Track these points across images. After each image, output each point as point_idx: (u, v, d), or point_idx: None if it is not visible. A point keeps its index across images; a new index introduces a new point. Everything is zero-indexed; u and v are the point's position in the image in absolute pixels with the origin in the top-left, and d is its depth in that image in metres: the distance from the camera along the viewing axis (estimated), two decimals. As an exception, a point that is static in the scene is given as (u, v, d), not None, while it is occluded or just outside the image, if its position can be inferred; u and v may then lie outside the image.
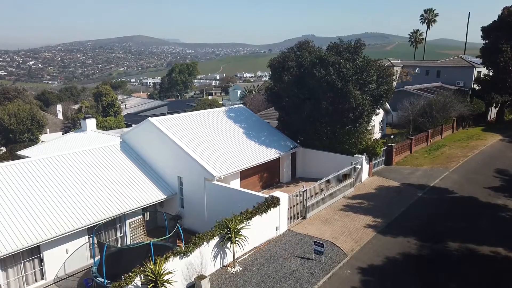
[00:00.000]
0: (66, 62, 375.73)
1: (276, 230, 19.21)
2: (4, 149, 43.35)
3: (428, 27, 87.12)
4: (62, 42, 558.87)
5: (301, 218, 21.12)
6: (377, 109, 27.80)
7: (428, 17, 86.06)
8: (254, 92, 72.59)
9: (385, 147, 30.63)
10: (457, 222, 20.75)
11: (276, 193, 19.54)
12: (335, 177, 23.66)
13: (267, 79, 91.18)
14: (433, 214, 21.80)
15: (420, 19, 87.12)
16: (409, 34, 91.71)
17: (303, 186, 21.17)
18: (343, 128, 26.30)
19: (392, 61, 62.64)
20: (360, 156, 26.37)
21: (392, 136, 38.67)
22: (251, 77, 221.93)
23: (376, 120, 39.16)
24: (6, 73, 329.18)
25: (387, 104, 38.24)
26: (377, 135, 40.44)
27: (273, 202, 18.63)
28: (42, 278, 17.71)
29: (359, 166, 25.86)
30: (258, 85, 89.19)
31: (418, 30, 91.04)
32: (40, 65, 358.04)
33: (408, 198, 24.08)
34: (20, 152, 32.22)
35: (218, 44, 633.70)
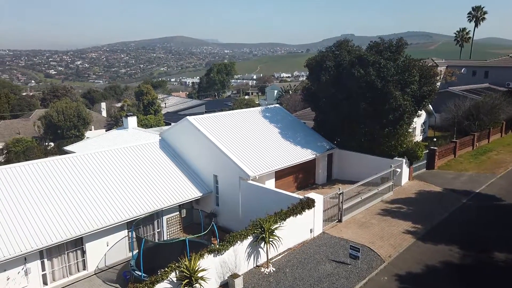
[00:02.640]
0: (111, 62, 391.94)
1: (311, 232, 18.97)
2: (52, 144, 45.90)
3: (476, 25, 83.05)
4: (107, 42, 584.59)
5: (337, 221, 20.73)
6: (419, 111, 26.79)
7: (476, 15, 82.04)
8: (290, 92, 72.19)
9: (427, 150, 29.46)
10: (504, 231, 19.53)
11: (311, 194, 19.30)
12: (373, 180, 23.01)
13: (304, 79, 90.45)
14: (478, 222, 20.67)
15: (468, 17, 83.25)
16: (455, 33, 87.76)
17: (339, 188, 20.77)
18: (382, 130, 25.55)
19: (436, 61, 60.20)
20: (400, 159, 25.50)
21: (435, 139, 37.11)
22: (288, 77, 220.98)
23: (418, 122, 37.75)
24: (55, 72, 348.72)
25: (430, 105, 36.79)
26: (418, 137, 38.98)
27: (308, 203, 18.40)
28: (84, 269, 18.53)
29: (398, 170, 25.02)
30: (294, 85, 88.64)
31: (465, 28, 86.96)
32: (86, 65, 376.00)
33: (451, 204, 22.99)
34: (67, 148, 33.94)
35: (256, 44, 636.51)
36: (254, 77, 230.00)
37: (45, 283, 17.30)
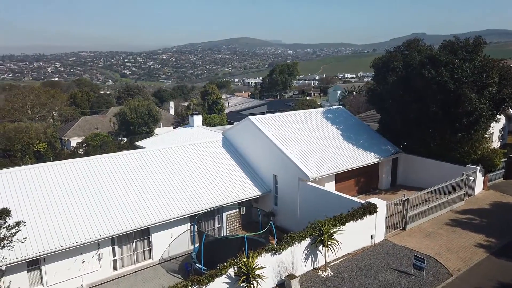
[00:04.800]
0: (179, 63, 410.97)
1: (372, 238, 18.34)
2: (125, 139, 49.35)
3: None
4: (176, 44, 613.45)
5: (400, 228, 19.81)
6: (497, 115, 24.66)
7: None
8: (354, 93, 70.24)
9: (506, 158, 26.97)
10: None
11: (373, 199, 18.67)
12: (442, 188, 21.64)
13: (369, 79, 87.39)
14: None
15: (560, 11, 74.59)
16: (544, 29, 79.07)
17: (404, 195, 19.83)
18: (454, 135, 23.91)
19: (519, 61, 54.80)
20: (473, 166, 23.69)
21: (515, 146, 33.87)
22: (352, 77, 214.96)
23: (496, 127, 34.67)
24: (130, 72, 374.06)
25: (511, 109, 33.66)
26: (495, 144, 35.83)
27: (370, 208, 17.82)
28: (150, 258, 19.70)
29: (471, 178, 23.23)
30: (359, 86, 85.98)
31: (556, 24, 78.06)
32: (157, 66, 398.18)
33: (533, 218, 20.86)
34: (138, 143, 36.26)
35: (319, 45, 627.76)
36: (317, 77, 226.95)
37: (115, 268, 18.70)
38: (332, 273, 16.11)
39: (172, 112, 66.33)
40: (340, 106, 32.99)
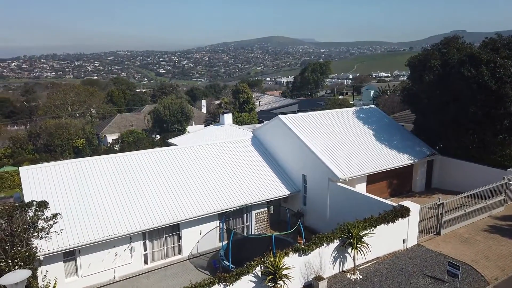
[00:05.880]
0: (212, 62, 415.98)
1: (404, 242, 17.79)
2: (158, 136, 50.60)
3: None
4: (210, 43, 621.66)
5: (434, 233, 19.09)
6: (543, 117, 23.23)
7: None
8: (388, 93, 68.36)
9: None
10: None
11: (406, 202, 18.09)
12: (481, 192, 20.65)
13: (405, 79, 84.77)
14: None
15: None
16: None
17: (439, 199, 19.08)
18: (495, 137, 22.78)
19: None
20: (515, 170, 22.45)
21: None
22: (387, 76, 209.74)
23: (542, 129, 32.71)
24: (165, 71, 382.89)
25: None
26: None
27: (402, 212, 17.29)
28: (179, 253, 20.07)
29: (513, 183, 22.04)
30: (394, 85, 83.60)
31: None
32: (191, 65, 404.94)
33: None
34: (170, 140, 37.07)
35: (354, 43, 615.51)
36: (350, 76, 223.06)
37: (145, 262, 19.20)
38: (361, 277, 15.77)
39: (204, 110, 67.26)
40: (373, 106, 32.24)
